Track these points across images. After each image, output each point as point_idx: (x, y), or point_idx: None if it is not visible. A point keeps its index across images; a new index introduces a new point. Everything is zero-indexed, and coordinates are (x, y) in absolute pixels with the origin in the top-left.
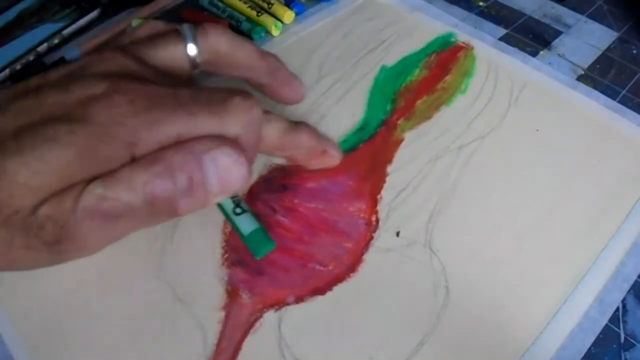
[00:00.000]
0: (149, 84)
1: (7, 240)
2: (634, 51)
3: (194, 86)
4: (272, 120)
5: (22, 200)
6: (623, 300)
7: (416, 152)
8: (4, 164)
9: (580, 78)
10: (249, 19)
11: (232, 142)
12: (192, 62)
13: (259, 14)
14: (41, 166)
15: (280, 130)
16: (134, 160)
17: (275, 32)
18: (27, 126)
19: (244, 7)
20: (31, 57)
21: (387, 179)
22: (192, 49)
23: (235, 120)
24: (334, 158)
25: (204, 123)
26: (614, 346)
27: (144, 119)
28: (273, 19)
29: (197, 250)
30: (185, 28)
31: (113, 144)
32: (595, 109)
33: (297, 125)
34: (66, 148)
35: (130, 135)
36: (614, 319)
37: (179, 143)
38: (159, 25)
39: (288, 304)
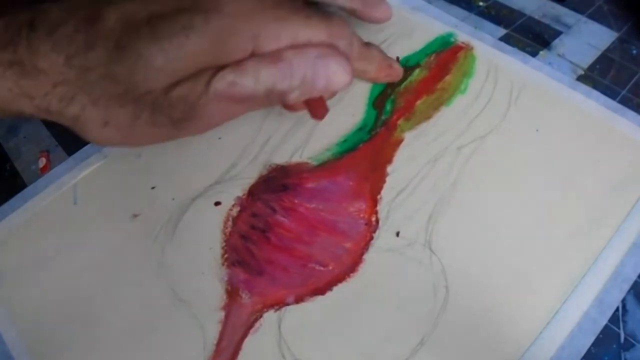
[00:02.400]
0: None
1: (134, 116)
2: (634, 51)
3: None
4: (353, 37)
5: (156, 82)
6: (623, 301)
7: (416, 152)
8: (140, 49)
9: (580, 78)
10: None
11: (341, 52)
12: None
13: None
14: (178, 52)
15: (359, 45)
16: (253, 55)
17: None
18: (160, 14)
19: None
20: None
21: (387, 179)
22: None
23: (340, 33)
24: (399, 71)
25: (317, 29)
26: (614, 346)
27: (269, 16)
28: None
29: (197, 250)
30: None
31: (241, 35)
32: (595, 109)
33: (369, 43)
34: (201, 36)
35: (257, 28)
36: (614, 319)
37: (298, 46)
38: None
39: (288, 304)
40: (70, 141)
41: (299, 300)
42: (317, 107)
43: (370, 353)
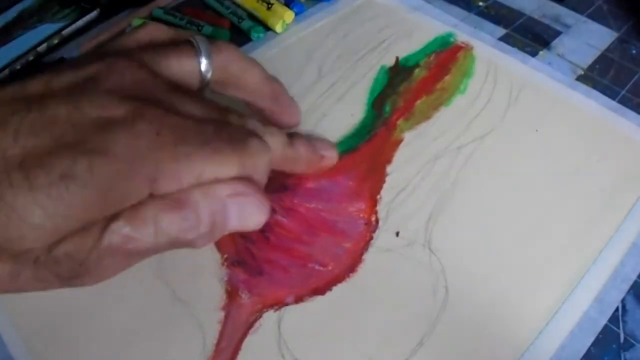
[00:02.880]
0: (172, 114)
1: (14, 273)
2: (634, 51)
3: (208, 103)
4: (274, 134)
5: (35, 241)
6: (622, 300)
7: (415, 152)
8: (13, 200)
9: (579, 78)
10: (251, 16)
11: (256, 188)
12: (203, 78)
13: (269, 7)
14: (58, 208)
15: (281, 145)
16: (151, 197)
17: (279, 29)
18: (35, 151)
19: (254, 2)
20: (31, 57)
21: (387, 179)
22: (205, 65)
23: (254, 163)
24: (332, 159)
25: (227, 163)
26: (614, 346)
27: (167, 155)
28: (282, 13)
29: (196, 250)
30: (200, 41)
31: (134, 180)
32: (595, 109)
33: (293, 138)
34: (85, 187)
35: (153, 172)
36: (614, 318)
37: (203, 185)
38: (163, 31)
39: (287, 304)
40: None
41: (298, 300)
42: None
43: (370, 353)
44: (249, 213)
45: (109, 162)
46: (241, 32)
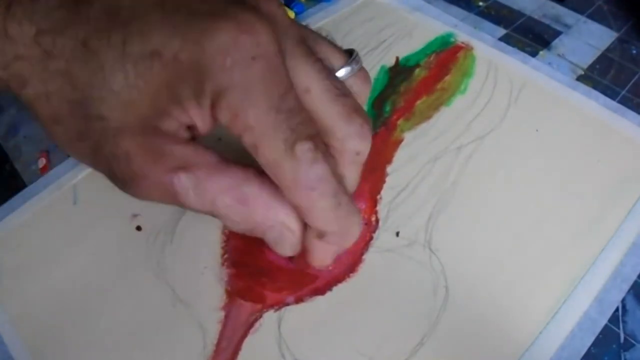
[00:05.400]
0: (280, 55)
1: (80, 136)
2: (634, 51)
3: None
4: None
5: (110, 109)
6: (622, 300)
7: (416, 152)
8: (104, 57)
9: (579, 78)
10: None
11: (301, 226)
12: None
13: None
14: (138, 80)
15: None
16: (213, 110)
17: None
18: (143, 18)
19: None
20: None
21: (387, 179)
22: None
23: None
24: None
25: (274, 143)
26: (614, 346)
27: (244, 85)
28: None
29: (196, 250)
30: (358, 56)
31: (203, 82)
32: (595, 109)
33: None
34: (167, 66)
35: (223, 87)
36: (614, 319)
37: (263, 198)
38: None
39: (288, 304)
40: None
41: (298, 300)
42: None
43: (370, 353)
44: (286, 242)
45: (199, 50)
46: None
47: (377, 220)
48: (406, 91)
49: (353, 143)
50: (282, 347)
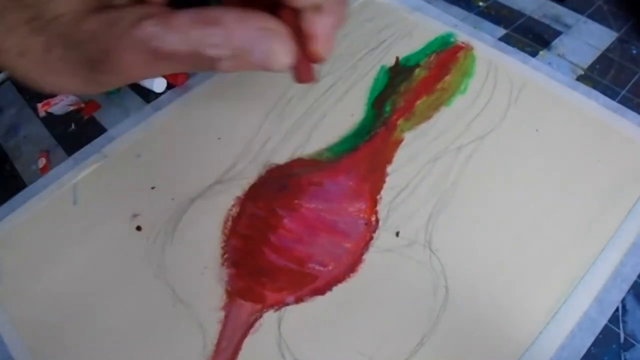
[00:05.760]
0: None
1: (47, 48)
2: (634, 51)
3: None
4: None
5: (63, 4)
6: (622, 300)
7: (416, 152)
8: None
9: (579, 78)
10: None
11: (287, 31)
12: None
13: None
14: None
15: None
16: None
17: None
18: None
19: None
20: None
21: (387, 179)
22: None
23: None
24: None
25: None
26: (614, 346)
27: None
28: None
29: (196, 250)
30: None
31: None
32: (595, 109)
33: None
34: None
35: None
36: (614, 319)
37: (238, 10)
38: None
39: (288, 304)
40: (70, 141)
41: (298, 300)
42: (304, 72)
43: (370, 353)
44: (275, 49)
45: None
46: None
47: (377, 220)
48: (406, 91)
49: None
50: (282, 347)
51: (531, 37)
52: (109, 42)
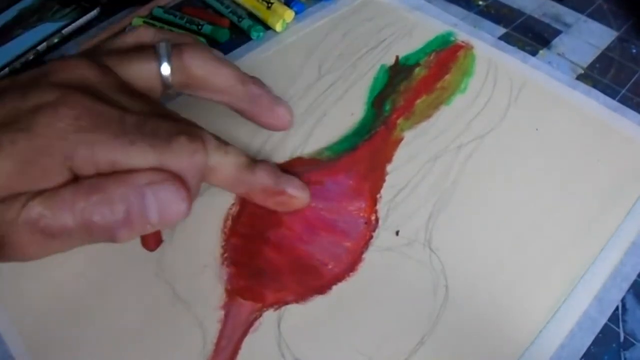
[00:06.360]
0: (99, 102)
1: None
2: (634, 50)
3: (155, 107)
4: (229, 153)
5: None
6: (622, 300)
7: (416, 151)
8: None
9: (579, 77)
10: (251, 15)
11: (174, 177)
12: (165, 82)
13: (269, 6)
14: None
15: (236, 166)
16: (76, 179)
17: (279, 28)
18: None
19: (254, 1)
20: (31, 56)
21: (387, 178)
22: (165, 69)
23: (176, 162)
24: (296, 200)
25: (143, 156)
26: (614, 345)
27: (84, 138)
28: (282, 12)
29: (196, 249)
30: (162, 47)
31: (52, 157)
32: (595, 108)
33: (256, 163)
34: (8, 157)
35: (69, 151)
36: (614, 318)
37: (120, 172)
38: (149, 34)
39: (288, 304)
40: None
41: (298, 299)
42: (148, 237)
43: (370, 352)
44: (168, 202)
45: (29, 138)
46: (241, 31)
47: (377, 219)
48: (406, 90)
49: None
50: (282, 347)
51: (531, 36)
52: (3, 228)
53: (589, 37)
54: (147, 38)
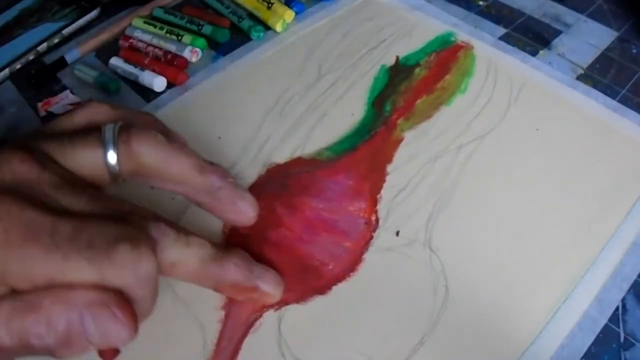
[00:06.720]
0: (31, 209)
1: None
2: (634, 50)
3: (100, 203)
4: (192, 245)
5: None
6: (622, 300)
7: (416, 151)
8: None
9: (579, 77)
10: (252, 15)
11: (115, 298)
12: (111, 171)
13: (270, 6)
14: None
15: (200, 259)
16: (13, 292)
17: (279, 28)
18: None
19: (254, 2)
20: (31, 57)
21: (387, 178)
22: (112, 157)
23: (118, 275)
24: (268, 296)
25: (80, 273)
26: (614, 345)
27: (15, 253)
28: (282, 12)
29: None
30: (107, 130)
31: None
32: (595, 109)
33: (225, 255)
34: None
35: (1, 268)
36: (614, 318)
37: (58, 290)
38: (99, 113)
39: (288, 304)
40: None
41: (299, 299)
42: (104, 350)
43: (370, 352)
44: (107, 327)
45: None
46: (241, 31)
47: (377, 220)
48: (406, 90)
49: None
50: (282, 347)
51: (531, 37)
52: None
53: (589, 38)
54: (99, 116)
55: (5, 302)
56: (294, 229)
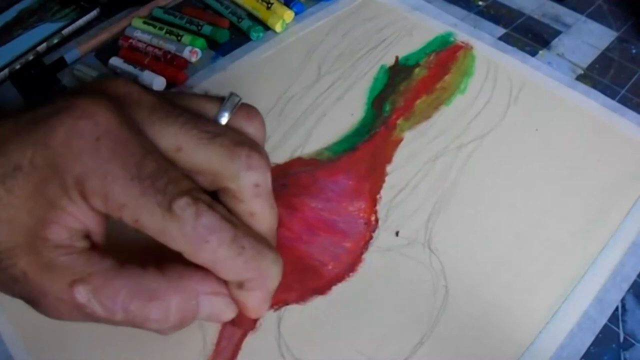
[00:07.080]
0: (127, 131)
1: None
2: (634, 51)
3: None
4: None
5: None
6: (622, 300)
7: (415, 151)
8: None
9: (579, 77)
10: (251, 16)
11: (226, 290)
12: None
13: (269, 6)
14: (10, 197)
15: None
16: (93, 246)
17: (279, 28)
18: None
19: (253, 2)
20: (30, 57)
21: (387, 178)
22: (223, 118)
23: (179, 231)
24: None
25: (150, 214)
26: (613, 345)
27: (99, 166)
28: (281, 12)
29: None
30: (234, 96)
31: (63, 176)
32: (595, 109)
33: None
34: (29, 174)
35: (84, 171)
36: (613, 318)
37: (176, 279)
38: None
39: (288, 304)
40: None
41: (298, 300)
42: (245, 321)
43: (370, 352)
44: (220, 310)
45: (46, 151)
46: (241, 31)
47: (376, 220)
48: (406, 90)
49: (245, 177)
50: (281, 347)
51: (531, 37)
52: (36, 288)
53: (589, 38)
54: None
55: (123, 283)
56: (294, 229)
